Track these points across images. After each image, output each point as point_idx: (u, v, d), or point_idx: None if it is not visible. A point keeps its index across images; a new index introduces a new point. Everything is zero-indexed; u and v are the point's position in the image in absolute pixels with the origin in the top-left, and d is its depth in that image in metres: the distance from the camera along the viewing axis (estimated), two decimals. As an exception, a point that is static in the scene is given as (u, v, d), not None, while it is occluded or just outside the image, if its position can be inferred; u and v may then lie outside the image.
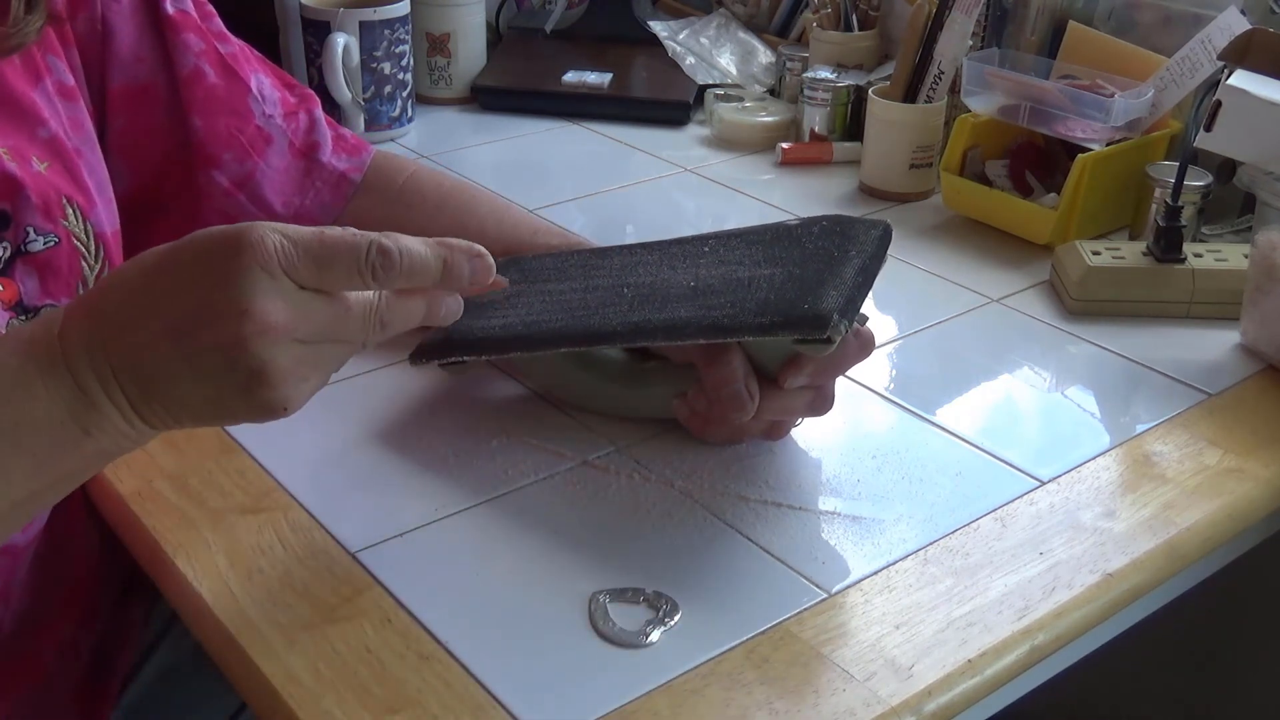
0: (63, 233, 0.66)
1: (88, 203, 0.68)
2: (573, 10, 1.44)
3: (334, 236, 0.51)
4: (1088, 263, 0.90)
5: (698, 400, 0.70)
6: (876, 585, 0.63)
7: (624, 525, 0.66)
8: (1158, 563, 0.66)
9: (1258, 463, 0.73)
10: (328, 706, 0.55)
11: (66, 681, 0.77)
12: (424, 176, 0.88)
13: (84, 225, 0.68)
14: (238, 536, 0.65)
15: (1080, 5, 1.14)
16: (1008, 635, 0.59)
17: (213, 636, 0.60)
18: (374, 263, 0.52)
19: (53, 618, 0.74)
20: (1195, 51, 0.98)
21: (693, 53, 1.35)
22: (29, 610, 0.72)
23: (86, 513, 0.74)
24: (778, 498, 0.69)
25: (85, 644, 0.78)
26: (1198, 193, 0.96)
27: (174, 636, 0.88)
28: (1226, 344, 0.86)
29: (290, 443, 0.73)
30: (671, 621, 0.59)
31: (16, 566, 0.70)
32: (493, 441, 0.73)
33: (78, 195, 0.67)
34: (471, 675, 0.56)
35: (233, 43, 0.81)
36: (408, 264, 0.53)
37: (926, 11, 1.09)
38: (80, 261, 0.67)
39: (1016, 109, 1.04)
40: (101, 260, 0.69)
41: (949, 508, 0.69)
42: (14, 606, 0.71)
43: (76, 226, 0.67)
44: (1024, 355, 0.86)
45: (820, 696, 0.56)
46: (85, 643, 0.78)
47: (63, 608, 0.75)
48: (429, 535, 0.66)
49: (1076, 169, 0.98)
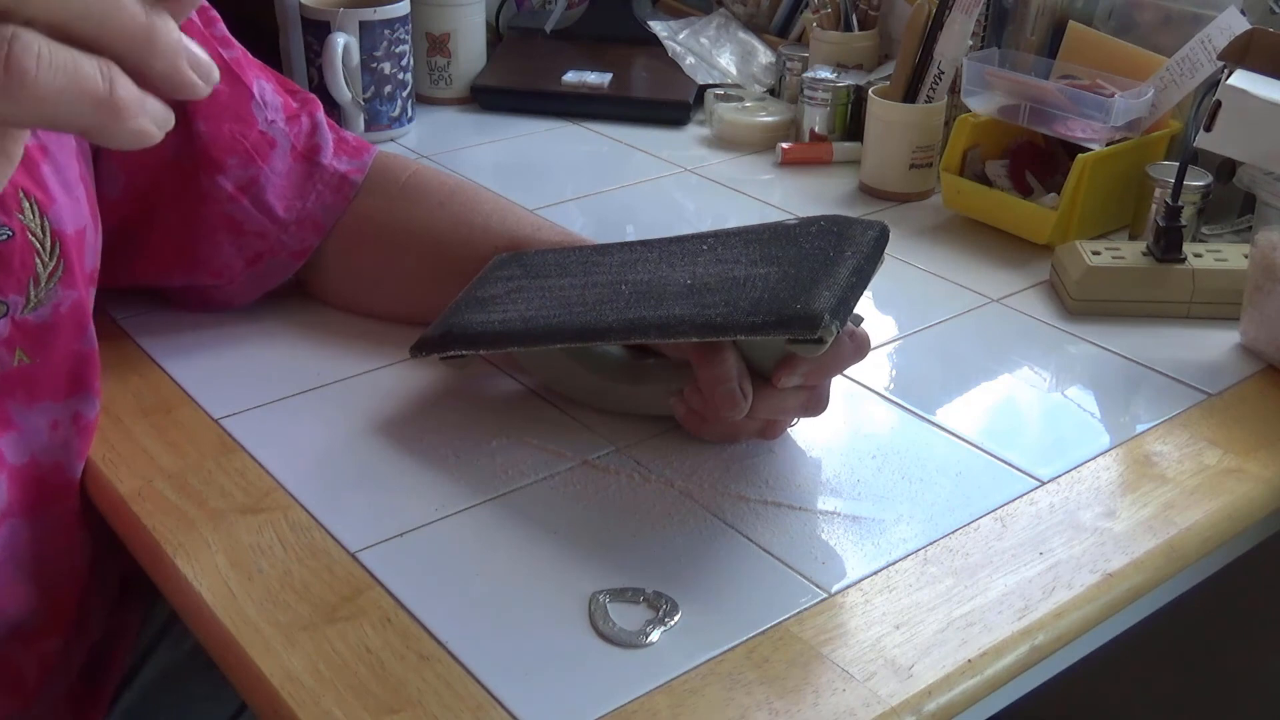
0: (17, 226, 0.65)
1: (46, 199, 0.67)
2: (573, 10, 1.44)
3: None
4: (1088, 263, 0.90)
5: (693, 398, 0.70)
6: (876, 585, 0.63)
7: (624, 525, 0.66)
8: (1157, 563, 0.66)
9: (1258, 463, 0.73)
10: (328, 706, 0.55)
11: (53, 694, 0.76)
12: (426, 176, 0.88)
13: (40, 220, 0.66)
14: (238, 536, 0.65)
15: (1080, 5, 1.14)
16: (1008, 635, 0.59)
17: (212, 636, 0.60)
18: None
19: (38, 634, 0.73)
20: (1195, 51, 0.98)
21: (693, 53, 1.35)
22: (11, 626, 0.71)
23: (80, 526, 0.73)
24: (778, 498, 0.69)
25: (74, 659, 0.78)
26: (1198, 193, 0.96)
27: (173, 638, 0.88)
28: (1226, 344, 0.86)
29: (290, 443, 0.73)
30: (671, 621, 0.59)
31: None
32: (493, 441, 0.73)
33: (35, 190, 0.66)
34: (471, 675, 0.56)
35: (235, 48, 0.81)
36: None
37: (926, 11, 1.09)
38: (34, 257, 0.66)
39: (1016, 109, 1.04)
40: (57, 258, 0.67)
41: (949, 508, 0.69)
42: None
43: (32, 221, 0.66)
44: (1024, 355, 0.86)
45: (820, 696, 0.56)
46: (74, 658, 0.78)
47: (49, 623, 0.74)
48: (429, 535, 0.66)
49: (1076, 169, 0.98)
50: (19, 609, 0.71)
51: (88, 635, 0.79)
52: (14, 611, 0.71)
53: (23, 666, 0.73)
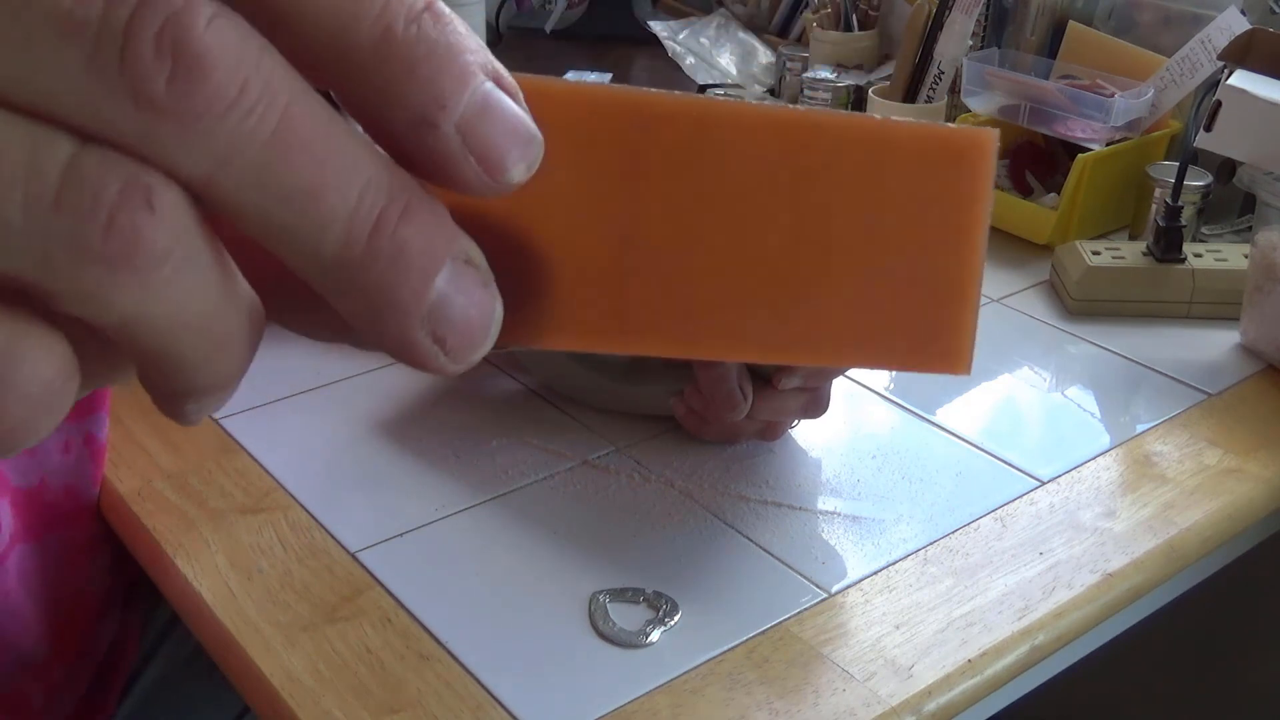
0: None
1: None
2: (573, 10, 1.44)
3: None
4: (1088, 263, 0.90)
5: (693, 399, 0.70)
6: (876, 585, 0.63)
7: (624, 525, 0.66)
8: (1157, 563, 0.66)
9: (1258, 463, 0.73)
10: (328, 706, 0.54)
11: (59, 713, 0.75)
12: None
13: None
14: (238, 536, 0.65)
15: (1080, 5, 1.14)
16: (1008, 635, 0.59)
17: (213, 637, 0.60)
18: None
19: (47, 664, 0.73)
20: (1195, 51, 0.98)
21: (693, 53, 1.35)
22: (21, 656, 0.70)
23: (93, 551, 0.72)
24: (778, 498, 0.69)
25: (81, 680, 0.77)
26: (1198, 193, 0.96)
27: (174, 641, 0.88)
28: (1226, 344, 0.86)
29: (290, 443, 0.73)
30: (671, 621, 0.59)
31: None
32: (493, 441, 0.73)
33: None
34: (471, 675, 0.56)
35: None
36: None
37: (926, 11, 1.09)
38: None
39: (1016, 109, 1.04)
40: None
41: (949, 508, 0.69)
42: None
43: None
44: (1024, 355, 0.86)
45: (820, 696, 0.55)
46: (81, 680, 0.77)
47: (59, 651, 0.73)
48: (429, 535, 0.66)
49: (1076, 169, 0.98)
50: (30, 638, 0.70)
51: (94, 656, 0.78)
52: (24, 641, 0.70)
53: (30, 695, 0.72)
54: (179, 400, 0.19)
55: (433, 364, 0.19)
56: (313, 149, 0.17)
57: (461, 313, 0.19)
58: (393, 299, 0.18)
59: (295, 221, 0.17)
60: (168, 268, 0.16)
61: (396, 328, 0.18)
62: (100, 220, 0.15)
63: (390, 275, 0.18)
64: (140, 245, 0.16)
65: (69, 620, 0.74)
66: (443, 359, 0.19)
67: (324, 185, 0.17)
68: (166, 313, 0.17)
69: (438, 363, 0.19)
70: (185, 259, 0.16)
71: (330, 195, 0.17)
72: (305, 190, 0.17)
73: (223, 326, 0.18)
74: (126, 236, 0.15)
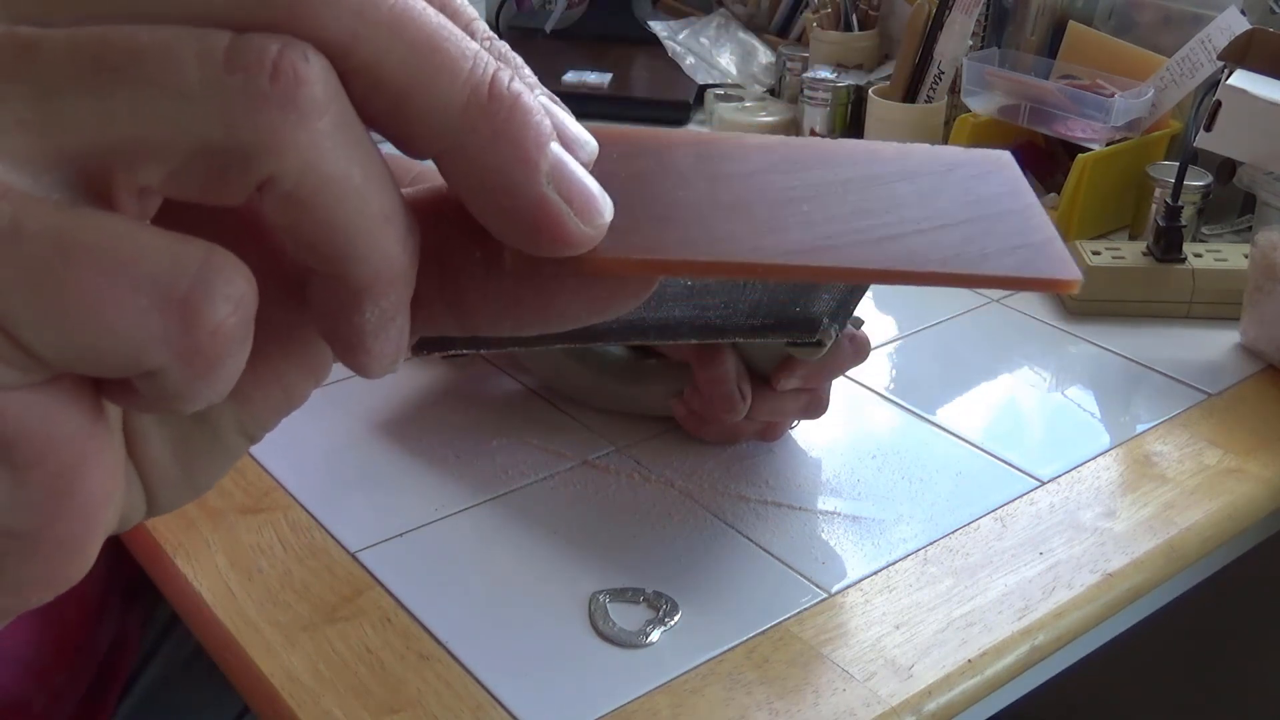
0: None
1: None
2: (573, 10, 1.44)
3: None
4: (1088, 263, 0.90)
5: (692, 399, 0.70)
6: (876, 585, 0.63)
7: (624, 525, 0.66)
8: (1158, 563, 0.66)
9: (1258, 463, 0.73)
10: (327, 706, 0.54)
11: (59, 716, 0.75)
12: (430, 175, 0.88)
13: None
14: (238, 536, 0.65)
15: (1080, 5, 1.14)
16: (1008, 635, 0.59)
17: (212, 636, 0.60)
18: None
19: (48, 670, 0.72)
20: (1195, 51, 0.98)
21: (693, 53, 1.35)
22: (22, 664, 0.70)
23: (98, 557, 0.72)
24: (778, 498, 0.69)
25: (81, 683, 0.77)
26: (1198, 193, 0.96)
27: (174, 641, 0.88)
28: (1226, 344, 0.86)
29: (290, 442, 0.73)
30: (671, 621, 0.59)
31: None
32: (493, 441, 0.73)
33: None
34: (471, 675, 0.56)
35: None
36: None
37: (926, 11, 1.09)
38: None
39: (1016, 109, 1.04)
40: None
41: (949, 508, 0.69)
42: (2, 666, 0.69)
43: None
44: (1024, 355, 0.86)
45: (820, 696, 0.55)
46: (81, 682, 0.77)
47: (59, 658, 0.73)
48: (429, 535, 0.66)
49: (1076, 169, 0.98)
50: (30, 647, 0.71)
51: (94, 656, 0.78)
52: (25, 650, 0.70)
53: (31, 700, 0.72)
54: (357, 305, 0.19)
55: (567, 224, 0.20)
56: (429, 7, 0.19)
57: (579, 174, 0.20)
58: (519, 151, 0.19)
59: (429, 67, 0.19)
60: (327, 119, 0.18)
61: (526, 180, 0.20)
62: (266, 68, 0.17)
63: (513, 124, 0.19)
64: (303, 86, 0.18)
65: (69, 621, 0.74)
66: (573, 220, 0.20)
67: (444, 38, 0.19)
68: (332, 173, 0.18)
69: (570, 224, 0.20)
70: (341, 117, 0.18)
71: (449, 46, 0.19)
72: (430, 39, 0.19)
73: (381, 203, 0.19)
74: (290, 78, 0.18)
